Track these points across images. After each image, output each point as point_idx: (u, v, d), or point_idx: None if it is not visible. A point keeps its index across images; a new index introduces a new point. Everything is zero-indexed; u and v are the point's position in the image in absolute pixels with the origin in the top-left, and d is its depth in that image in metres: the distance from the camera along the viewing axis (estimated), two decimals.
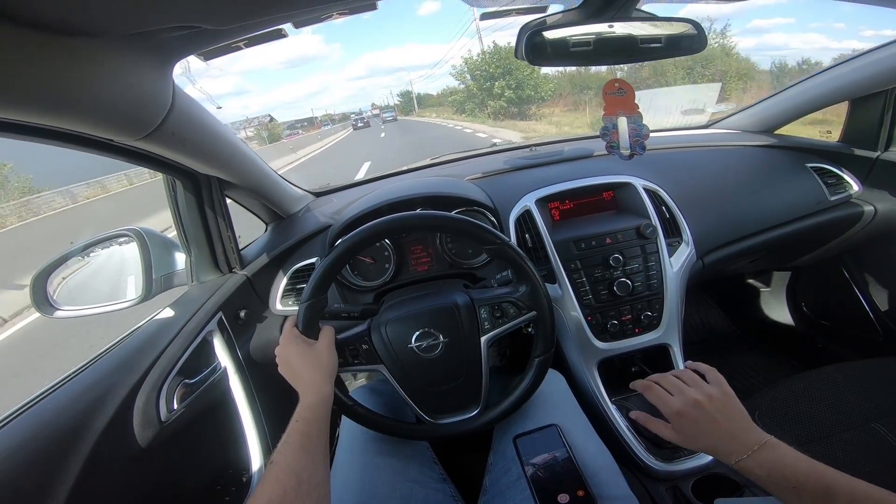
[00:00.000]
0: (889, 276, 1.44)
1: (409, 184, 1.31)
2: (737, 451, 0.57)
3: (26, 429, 0.64)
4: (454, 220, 0.76)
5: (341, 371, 0.76)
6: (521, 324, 0.79)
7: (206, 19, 0.52)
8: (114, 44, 0.52)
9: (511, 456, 0.79)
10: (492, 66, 23.34)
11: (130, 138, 0.67)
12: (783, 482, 0.52)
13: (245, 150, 0.99)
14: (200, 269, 1.03)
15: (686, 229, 1.14)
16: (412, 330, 0.77)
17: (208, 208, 0.99)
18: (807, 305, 1.71)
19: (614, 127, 0.90)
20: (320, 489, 0.57)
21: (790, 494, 0.51)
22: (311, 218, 1.26)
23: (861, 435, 0.93)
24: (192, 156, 0.83)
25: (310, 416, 0.64)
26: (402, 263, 1.14)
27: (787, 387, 1.06)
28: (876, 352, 1.18)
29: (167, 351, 0.84)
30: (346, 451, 0.84)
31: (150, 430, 0.77)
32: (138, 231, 0.97)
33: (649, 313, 1.08)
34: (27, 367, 3.89)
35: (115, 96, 0.58)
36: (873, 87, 1.25)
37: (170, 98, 0.67)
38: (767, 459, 0.54)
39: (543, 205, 1.15)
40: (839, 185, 1.34)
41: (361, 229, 0.74)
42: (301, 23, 0.71)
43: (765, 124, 1.52)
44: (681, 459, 0.95)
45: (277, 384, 0.74)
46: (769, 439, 0.57)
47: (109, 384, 0.75)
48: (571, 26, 0.80)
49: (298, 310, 0.74)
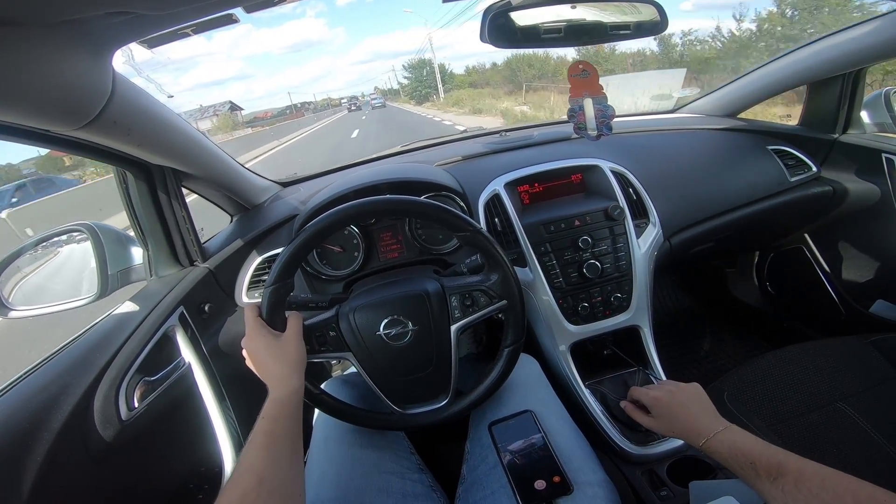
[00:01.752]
0: (849, 255, 1.49)
1: (377, 170, 1.29)
2: (703, 434, 0.65)
3: None
4: (426, 206, 0.75)
5: (308, 359, 0.73)
6: (491, 313, 0.78)
7: (140, 5, 0.49)
8: (41, 32, 0.49)
9: (487, 443, 0.78)
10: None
11: (68, 128, 0.64)
12: (742, 458, 0.58)
13: (200, 139, 0.95)
14: (159, 264, 1.00)
15: (653, 210, 1.16)
16: (381, 317, 0.75)
17: (163, 200, 0.95)
18: (772, 286, 1.76)
19: (581, 108, 0.90)
20: (285, 488, 0.55)
21: (748, 469, 0.56)
22: (278, 208, 1.23)
23: (827, 415, 0.95)
24: (139, 145, 0.79)
25: (275, 412, 0.62)
26: (371, 251, 1.12)
27: (753, 368, 1.08)
28: (840, 330, 1.22)
29: (125, 348, 0.81)
30: (320, 444, 0.82)
31: (110, 430, 0.75)
32: (90, 226, 0.92)
33: (619, 295, 1.09)
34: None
35: (47, 85, 0.55)
36: (830, 72, 1.28)
37: (109, 86, 0.64)
38: (728, 440, 0.62)
39: (513, 189, 1.15)
40: (799, 166, 1.38)
41: (330, 212, 0.71)
42: (252, 7, 0.67)
43: (728, 108, 1.56)
44: (655, 443, 0.96)
45: (247, 377, 0.71)
46: (730, 425, 0.65)
47: (64, 383, 0.73)
48: (535, 7, 0.79)
49: (262, 295, 0.71)
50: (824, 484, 0.49)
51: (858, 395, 0.97)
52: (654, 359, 1.11)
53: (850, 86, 1.32)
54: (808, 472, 0.51)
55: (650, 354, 1.11)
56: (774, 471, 0.53)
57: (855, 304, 1.46)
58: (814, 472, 0.51)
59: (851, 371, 1.03)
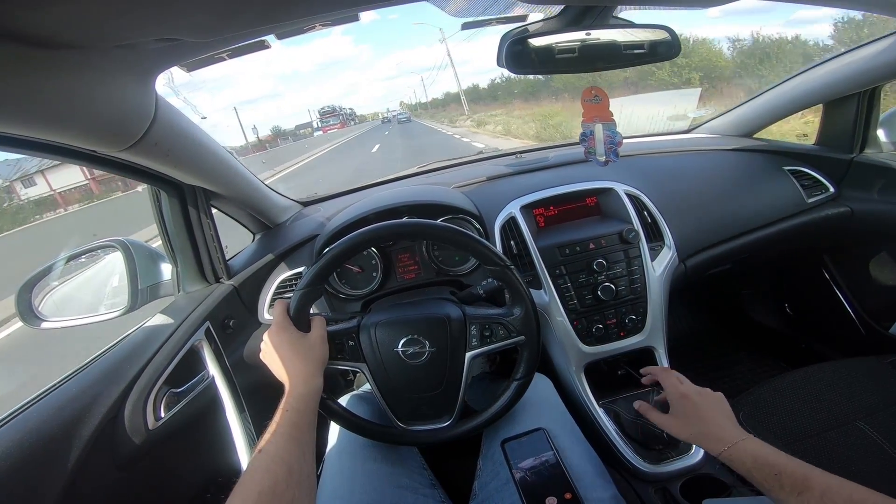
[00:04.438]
0: (868, 275, 1.47)
1: (396, 192, 1.32)
2: (725, 440, 0.63)
3: (11, 438, 0.63)
4: (462, 236, 0.78)
5: None
6: (508, 346, 0.79)
7: (187, 33, 0.53)
8: (96, 56, 0.53)
9: (499, 460, 0.79)
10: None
11: (114, 149, 0.68)
12: (767, 468, 0.56)
13: (230, 160, 0.99)
14: (187, 280, 1.03)
15: (668, 233, 1.16)
16: (401, 335, 0.77)
17: (194, 219, 0.99)
18: (790, 306, 1.74)
19: (591, 133, 0.92)
20: (310, 480, 0.57)
21: (772, 481, 0.54)
22: (299, 227, 1.27)
23: (846, 434, 0.94)
24: (176, 166, 0.84)
25: (300, 406, 0.64)
26: (388, 272, 1.14)
27: (770, 387, 1.07)
28: (859, 351, 1.20)
29: (154, 360, 0.84)
30: (334, 457, 0.84)
31: (137, 439, 0.77)
32: (123, 241, 0.96)
33: (633, 317, 1.10)
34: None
35: (97, 108, 0.58)
36: (846, 90, 1.28)
37: (153, 109, 0.68)
38: (752, 449, 0.60)
39: (528, 211, 1.17)
40: (816, 187, 1.37)
41: (379, 225, 0.76)
42: (284, 35, 0.72)
43: (743, 128, 1.56)
44: (669, 461, 0.96)
45: (268, 392, 0.74)
46: (752, 436, 0.62)
47: (95, 393, 0.75)
48: (551, 34, 0.82)
49: (293, 295, 0.74)
50: (852, 499, 0.48)
51: (877, 414, 0.96)
52: None
53: (865, 105, 1.30)
54: (835, 487, 0.50)
55: None
56: (800, 484, 0.52)
57: (875, 324, 1.43)
58: (840, 487, 0.50)
59: (870, 390, 1.01)
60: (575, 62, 0.83)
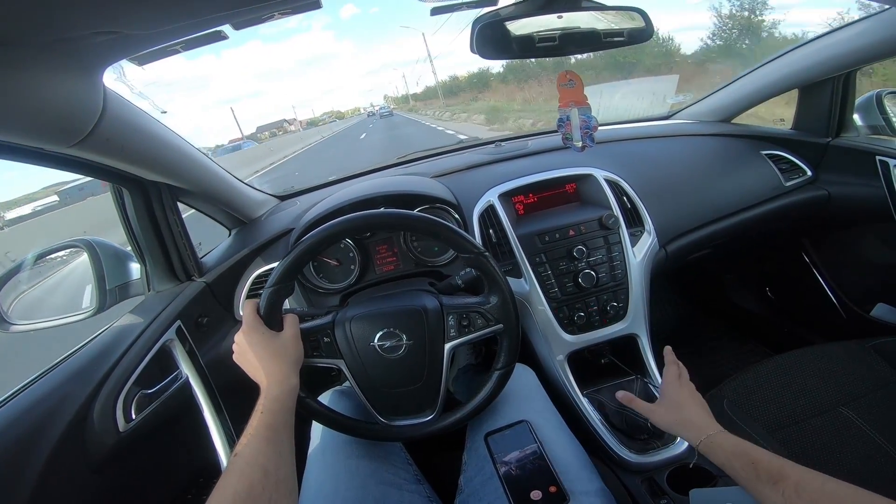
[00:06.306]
0: (848, 259, 1.49)
1: (374, 183, 1.30)
2: (704, 430, 0.66)
3: None
4: (434, 224, 0.76)
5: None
6: (487, 335, 0.78)
7: (126, 25, 0.51)
8: (32, 52, 0.51)
9: (483, 454, 0.78)
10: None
11: (62, 146, 0.66)
12: (744, 456, 0.58)
13: (195, 155, 0.96)
14: (156, 279, 1.01)
15: (647, 219, 1.16)
16: (377, 328, 0.76)
17: (160, 216, 0.97)
18: (771, 291, 1.75)
19: (567, 119, 0.91)
20: (288, 482, 0.56)
21: (749, 470, 0.56)
22: (275, 221, 1.24)
23: (829, 420, 0.94)
24: (133, 162, 0.81)
25: (275, 407, 0.62)
26: (367, 264, 1.12)
27: (753, 374, 1.07)
28: (841, 334, 1.20)
29: (122, 361, 0.82)
30: (318, 454, 0.82)
31: (108, 441, 0.76)
32: (87, 241, 0.94)
33: (615, 304, 1.09)
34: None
35: (39, 104, 0.56)
36: (821, 75, 1.28)
37: (100, 104, 0.65)
38: (730, 439, 0.63)
39: (507, 199, 1.15)
40: (793, 170, 1.38)
41: (341, 220, 0.73)
42: (240, 24, 0.69)
43: (721, 113, 1.56)
44: (654, 451, 0.96)
45: (246, 390, 0.72)
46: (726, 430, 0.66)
47: (63, 394, 0.74)
48: (522, 18, 0.80)
49: (262, 294, 0.72)
50: (824, 489, 0.49)
51: (860, 400, 0.97)
52: (652, 367, 1.10)
53: (840, 89, 1.31)
54: (809, 478, 0.51)
55: (648, 363, 1.11)
56: (776, 474, 0.53)
57: (855, 307, 1.45)
58: (814, 478, 0.51)
59: (853, 375, 1.02)
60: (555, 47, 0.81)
